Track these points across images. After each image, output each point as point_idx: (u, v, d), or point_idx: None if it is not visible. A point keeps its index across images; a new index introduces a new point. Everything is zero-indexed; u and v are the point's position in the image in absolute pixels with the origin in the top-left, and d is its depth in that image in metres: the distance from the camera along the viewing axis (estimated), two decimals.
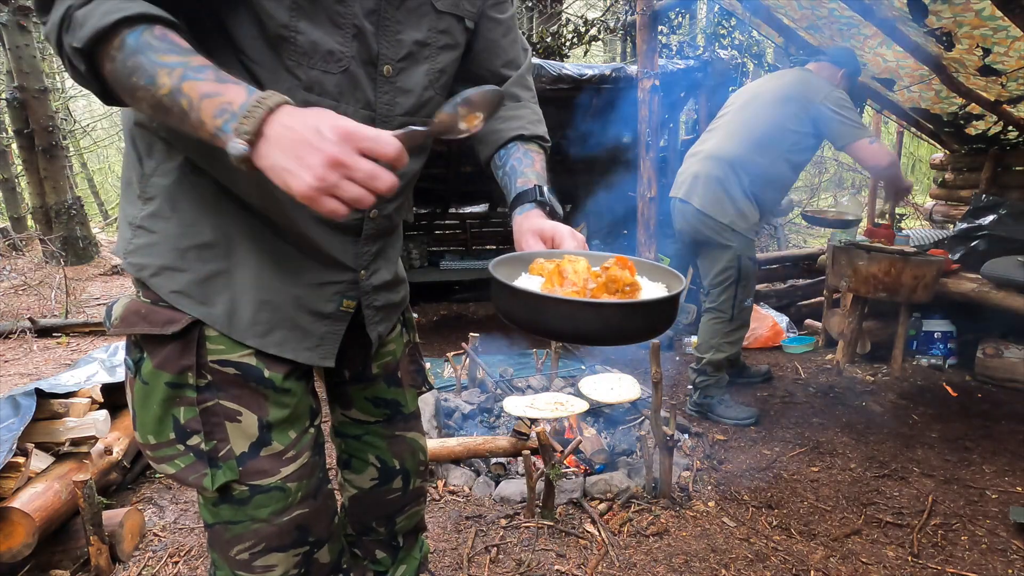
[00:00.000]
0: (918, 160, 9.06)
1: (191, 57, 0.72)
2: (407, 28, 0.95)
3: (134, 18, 0.70)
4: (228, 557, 1.02)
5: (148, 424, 0.96)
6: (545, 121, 1.22)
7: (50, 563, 1.90)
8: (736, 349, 3.04)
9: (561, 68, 4.06)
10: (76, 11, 0.70)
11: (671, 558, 1.97)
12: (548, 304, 0.79)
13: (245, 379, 0.97)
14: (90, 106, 18.69)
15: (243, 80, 0.74)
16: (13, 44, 7.49)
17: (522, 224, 1.04)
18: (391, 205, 1.05)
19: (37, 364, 4.19)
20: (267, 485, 0.99)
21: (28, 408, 1.94)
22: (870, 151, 2.74)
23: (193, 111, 0.70)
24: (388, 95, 0.96)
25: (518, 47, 1.17)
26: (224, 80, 0.71)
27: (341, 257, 1.02)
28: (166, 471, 0.98)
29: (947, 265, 3.35)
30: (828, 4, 3.24)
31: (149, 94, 0.72)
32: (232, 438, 0.97)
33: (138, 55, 0.70)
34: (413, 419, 1.33)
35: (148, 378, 0.95)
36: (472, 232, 5.80)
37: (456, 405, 2.89)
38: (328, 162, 0.68)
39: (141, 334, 0.94)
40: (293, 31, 0.84)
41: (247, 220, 0.95)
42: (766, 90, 2.92)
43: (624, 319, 0.80)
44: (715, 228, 2.86)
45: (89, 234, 8.35)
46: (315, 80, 0.88)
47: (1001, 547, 2.04)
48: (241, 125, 0.69)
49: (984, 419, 2.99)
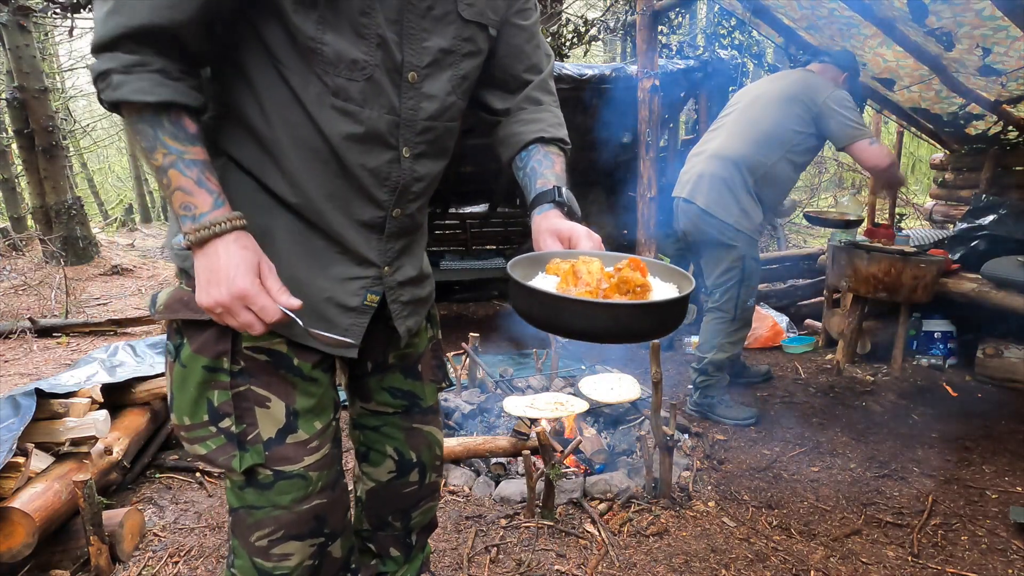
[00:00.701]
0: (918, 160, 9.05)
1: (188, 148, 0.86)
2: (433, 36, 0.99)
3: (156, 104, 0.83)
4: (248, 543, 1.06)
5: (184, 406, 1.02)
6: None
7: (50, 563, 1.90)
8: (738, 349, 3.04)
9: (561, 68, 4.06)
10: (115, 75, 0.82)
11: (671, 558, 1.97)
12: (563, 304, 0.83)
13: (276, 366, 1.02)
14: (90, 106, 18.69)
15: (279, 86, 0.92)
16: (13, 44, 7.49)
17: (540, 224, 1.07)
18: (413, 205, 1.09)
19: (37, 364, 4.19)
20: (290, 472, 1.04)
21: (28, 408, 1.94)
22: (870, 152, 2.75)
23: (168, 190, 0.86)
24: (412, 100, 1.00)
25: (541, 52, 1.20)
26: (201, 184, 0.86)
27: (367, 253, 1.06)
28: (197, 452, 1.03)
29: (947, 265, 3.35)
30: (828, 4, 3.24)
31: (145, 154, 0.87)
32: (261, 423, 1.02)
33: (149, 127, 0.85)
34: (431, 413, 1.35)
35: (187, 361, 1.01)
36: (472, 232, 5.80)
37: (456, 405, 2.89)
38: (221, 301, 0.85)
39: (182, 320, 1.01)
40: (320, 43, 0.90)
41: (283, 216, 1.01)
42: (770, 90, 2.93)
43: (634, 319, 0.83)
44: (719, 228, 2.86)
45: (89, 234, 8.35)
46: (341, 87, 0.94)
47: (1001, 547, 2.04)
48: (192, 233, 0.85)
49: (984, 419, 2.99)
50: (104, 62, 0.82)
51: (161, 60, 0.83)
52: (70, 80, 14.83)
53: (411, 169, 1.05)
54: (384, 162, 1.01)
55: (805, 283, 4.83)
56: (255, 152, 0.98)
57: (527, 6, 1.15)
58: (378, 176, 1.02)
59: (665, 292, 0.92)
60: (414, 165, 1.05)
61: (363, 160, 0.99)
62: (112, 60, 0.82)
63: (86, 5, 6.24)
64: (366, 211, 1.04)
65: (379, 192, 1.03)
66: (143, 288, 7.06)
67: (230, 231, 0.86)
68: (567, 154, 1.20)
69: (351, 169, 0.99)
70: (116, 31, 0.80)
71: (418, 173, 1.06)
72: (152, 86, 0.82)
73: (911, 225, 6.70)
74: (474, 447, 2.40)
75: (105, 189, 19.62)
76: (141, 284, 7.30)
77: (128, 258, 8.81)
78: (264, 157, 0.98)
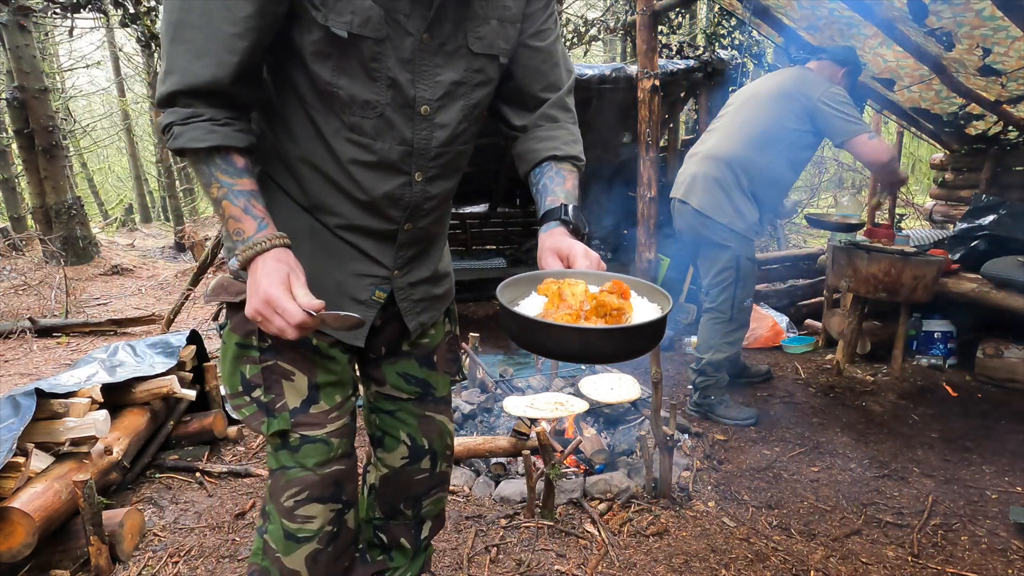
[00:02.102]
0: (918, 160, 9.05)
1: (237, 180, 1.00)
2: (445, 71, 1.08)
3: (209, 149, 0.98)
4: (279, 504, 1.19)
5: (226, 377, 1.20)
6: None
7: (50, 563, 1.90)
8: (736, 349, 3.04)
9: None
10: (176, 127, 0.98)
11: (671, 558, 1.97)
12: (539, 328, 0.92)
13: (297, 344, 1.15)
14: (90, 106, 18.69)
15: (306, 122, 1.07)
16: (13, 44, 7.49)
17: (545, 242, 1.13)
18: (425, 220, 1.20)
19: (37, 364, 4.19)
20: (314, 436, 1.18)
21: (28, 408, 1.94)
22: (869, 146, 2.72)
23: (223, 219, 1.02)
24: (425, 131, 1.10)
25: (560, 70, 1.23)
26: (248, 211, 1.00)
27: (380, 258, 1.19)
28: (239, 416, 1.20)
29: (947, 265, 3.35)
30: (828, 4, 3.24)
31: (205, 189, 1.03)
32: (287, 394, 1.17)
33: (205, 166, 1.00)
34: (444, 403, 1.43)
35: (226, 338, 1.19)
36: (472, 232, 5.80)
37: (456, 405, 2.89)
38: (256, 308, 0.97)
39: (225, 302, 1.19)
40: (336, 87, 1.03)
41: (307, 220, 1.15)
42: (764, 89, 2.91)
43: (604, 342, 0.91)
44: (713, 228, 2.86)
45: (89, 234, 8.35)
46: (355, 123, 1.06)
47: (1001, 547, 2.04)
48: (241, 253, 0.99)
49: (984, 419, 2.99)
50: (166, 117, 0.99)
51: (211, 111, 0.98)
52: (70, 80, 14.84)
53: (423, 191, 1.15)
54: (396, 186, 1.13)
55: (805, 283, 4.83)
56: (286, 174, 1.14)
57: (545, 27, 1.18)
58: (391, 198, 1.13)
59: (645, 313, 0.97)
60: (427, 187, 1.16)
61: (376, 184, 1.11)
62: (172, 115, 0.98)
63: (86, 5, 6.24)
64: (380, 225, 1.16)
65: (392, 211, 1.15)
66: (143, 288, 7.07)
67: (270, 248, 0.99)
68: (581, 170, 1.25)
69: (366, 192, 1.11)
70: (172, 88, 0.96)
71: (430, 193, 1.17)
72: (203, 134, 0.97)
73: (911, 225, 6.70)
74: (474, 447, 2.41)
75: (105, 189, 19.62)
76: (141, 284, 7.30)
77: (128, 258, 8.82)
78: (291, 179, 1.13)
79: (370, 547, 1.51)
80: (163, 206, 16.93)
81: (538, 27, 1.17)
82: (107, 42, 14.25)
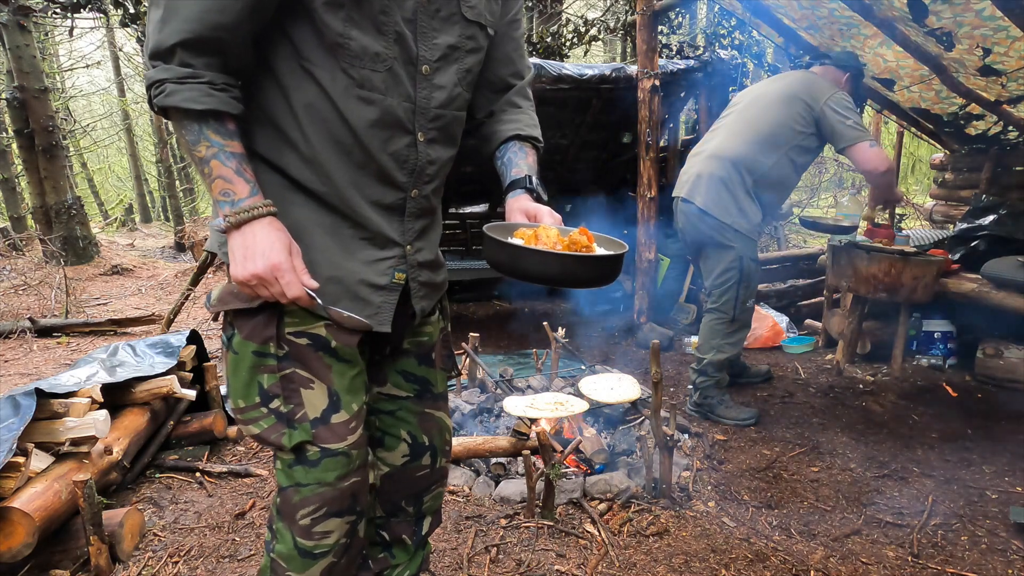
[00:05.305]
0: (918, 160, 9.06)
1: (229, 142, 0.98)
2: (441, 34, 1.13)
3: (203, 111, 0.96)
4: (294, 523, 1.15)
5: (238, 390, 1.13)
6: (546, 121, 1.33)
7: (50, 563, 1.90)
8: (737, 350, 3.04)
9: (561, 68, 4.06)
10: (169, 84, 0.94)
11: (671, 558, 1.97)
12: (524, 253, 1.07)
13: (315, 348, 1.12)
14: (90, 106, 18.68)
15: (307, 83, 1.05)
16: (13, 44, 7.49)
17: (513, 205, 1.26)
18: (428, 187, 1.22)
19: (37, 364, 4.19)
20: (335, 449, 1.14)
21: (28, 408, 1.94)
22: (869, 155, 2.73)
23: (209, 179, 0.99)
24: (426, 90, 1.14)
25: (524, 62, 1.38)
26: (239, 174, 0.99)
27: (390, 233, 1.18)
28: (252, 432, 1.13)
29: (947, 265, 3.35)
30: (828, 4, 3.24)
31: (188, 147, 0.99)
32: (307, 403, 1.12)
33: (195, 125, 0.97)
34: (442, 400, 1.45)
35: (238, 348, 1.12)
36: (472, 232, 5.80)
37: (456, 405, 2.89)
38: (257, 272, 0.97)
39: (233, 312, 1.12)
40: (347, 38, 1.03)
41: (314, 210, 1.12)
42: (771, 90, 2.92)
43: (579, 267, 1.08)
44: (717, 228, 2.86)
45: (89, 234, 8.35)
46: (365, 78, 1.06)
47: (1001, 547, 2.04)
48: (231, 216, 0.97)
49: (984, 419, 2.99)
50: (159, 72, 0.94)
51: (209, 73, 0.95)
52: (70, 80, 14.84)
53: (425, 153, 1.17)
54: (403, 146, 1.14)
55: (805, 283, 4.83)
56: (284, 148, 1.09)
57: (518, 17, 1.33)
58: (398, 159, 1.14)
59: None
60: (428, 149, 1.18)
61: (385, 145, 1.11)
62: (166, 71, 0.93)
63: (86, 5, 6.24)
64: (388, 194, 1.16)
65: (399, 175, 1.15)
66: (143, 288, 7.07)
67: (264, 216, 0.99)
68: (539, 151, 1.39)
69: (374, 155, 1.11)
70: (170, 40, 0.91)
71: (431, 157, 1.19)
72: (201, 96, 0.94)
73: (911, 225, 6.69)
74: (474, 447, 2.40)
75: (105, 189, 19.62)
76: (141, 284, 7.30)
77: (128, 258, 8.82)
78: (292, 152, 1.09)
79: (371, 545, 1.52)
80: (163, 206, 16.94)
81: (514, 15, 1.30)
82: (107, 42, 14.25)
